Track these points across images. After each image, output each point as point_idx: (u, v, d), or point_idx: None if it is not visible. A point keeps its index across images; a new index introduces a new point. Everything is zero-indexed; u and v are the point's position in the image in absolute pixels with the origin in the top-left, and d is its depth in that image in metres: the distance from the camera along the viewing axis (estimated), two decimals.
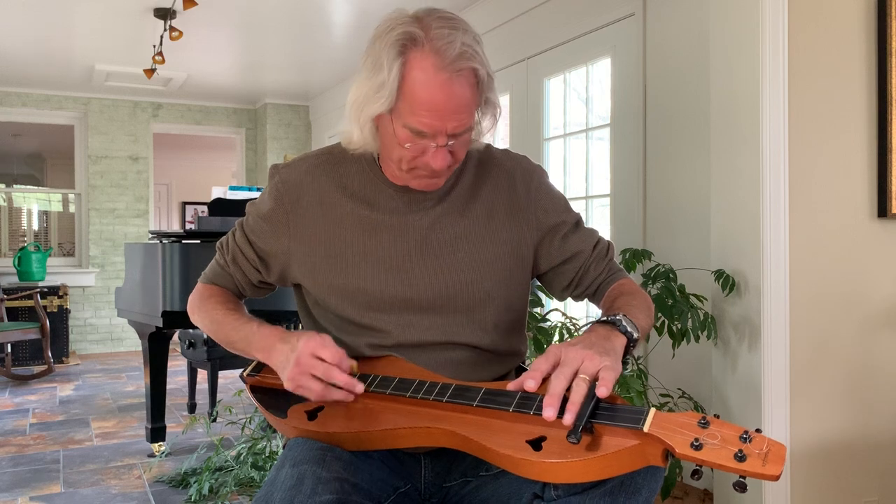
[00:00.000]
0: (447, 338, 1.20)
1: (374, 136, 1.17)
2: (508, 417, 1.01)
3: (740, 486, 0.87)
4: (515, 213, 1.26)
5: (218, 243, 1.36)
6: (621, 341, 1.06)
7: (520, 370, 1.36)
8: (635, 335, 1.08)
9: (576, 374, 0.97)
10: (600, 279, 1.29)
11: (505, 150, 1.34)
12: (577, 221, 1.31)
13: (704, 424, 0.90)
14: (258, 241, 1.28)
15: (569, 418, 0.93)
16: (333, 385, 1.09)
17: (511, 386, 1.03)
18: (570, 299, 1.36)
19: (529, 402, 1.00)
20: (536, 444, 0.95)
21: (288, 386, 1.10)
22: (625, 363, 1.09)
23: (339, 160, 1.27)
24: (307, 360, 1.08)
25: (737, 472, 0.85)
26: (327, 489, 0.99)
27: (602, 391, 0.94)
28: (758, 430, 0.89)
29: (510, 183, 1.28)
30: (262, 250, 1.28)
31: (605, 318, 1.10)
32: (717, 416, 0.92)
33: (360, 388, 1.10)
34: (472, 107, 1.12)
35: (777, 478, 0.84)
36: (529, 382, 0.99)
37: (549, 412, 0.94)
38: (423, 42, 1.07)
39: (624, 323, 1.08)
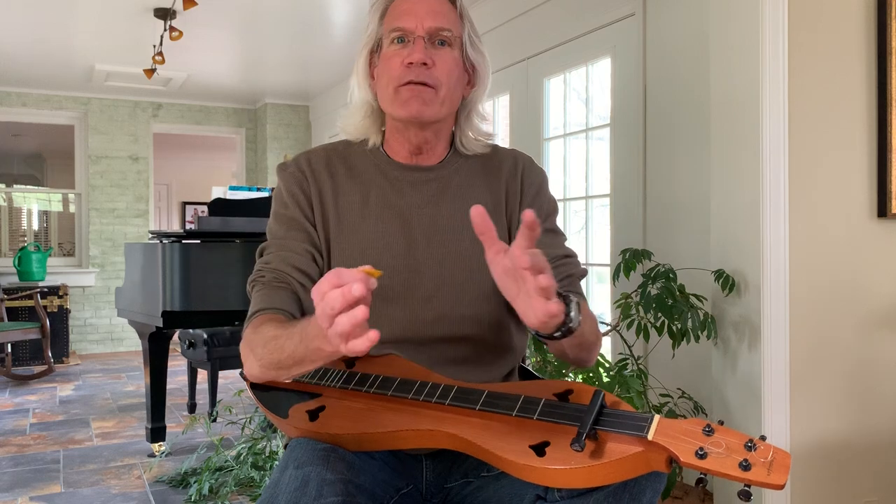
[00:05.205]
0: (451, 331, 1.21)
1: (370, 88, 1.25)
2: (511, 422, 1.00)
3: (745, 496, 0.85)
4: (508, 203, 1.29)
5: (249, 281, 1.23)
6: (559, 306, 0.94)
7: (522, 370, 1.36)
8: (571, 324, 0.99)
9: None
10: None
11: (512, 148, 1.37)
12: (556, 231, 1.31)
13: (709, 432, 0.89)
14: (297, 215, 1.24)
15: (544, 280, 0.88)
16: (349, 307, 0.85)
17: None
18: None
19: (532, 407, 0.99)
20: (540, 449, 0.95)
21: (322, 323, 0.86)
22: (544, 342, 1.04)
23: (344, 154, 1.31)
24: (327, 289, 0.84)
25: (741, 482, 0.84)
26: (332, 491, 0.99)
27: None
28: (762, 438, 0.87)
29: (512, 173, 1.31)
30: (306, 216, 1.25)
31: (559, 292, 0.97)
32: (721, 423, 0.91)
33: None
34: (450, 15, 1.20)
35: (782, 487, 0.82)
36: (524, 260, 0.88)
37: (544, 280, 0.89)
38: None
39: (571, 306, 1.00)
